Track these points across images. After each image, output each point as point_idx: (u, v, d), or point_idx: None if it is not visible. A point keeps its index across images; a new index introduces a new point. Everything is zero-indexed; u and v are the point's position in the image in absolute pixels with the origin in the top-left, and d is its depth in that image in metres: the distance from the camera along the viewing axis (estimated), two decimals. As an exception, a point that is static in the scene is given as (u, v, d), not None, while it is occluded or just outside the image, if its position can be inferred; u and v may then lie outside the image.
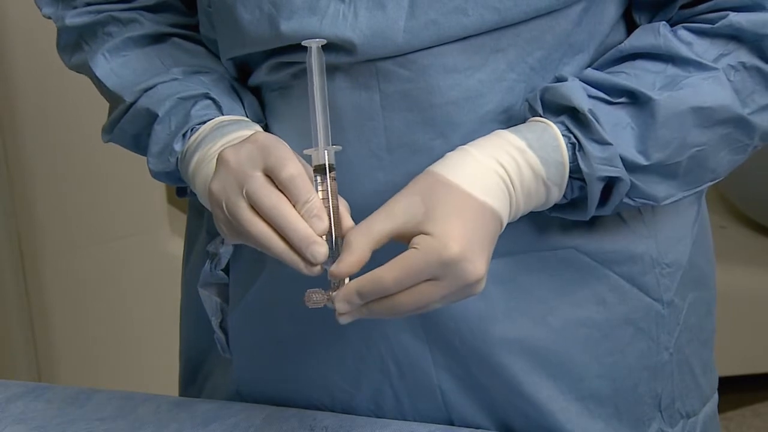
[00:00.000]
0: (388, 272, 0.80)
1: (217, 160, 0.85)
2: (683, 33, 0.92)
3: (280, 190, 0.82)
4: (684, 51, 0.90)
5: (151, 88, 0.99)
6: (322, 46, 0.88)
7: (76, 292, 2.10)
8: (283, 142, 0.84)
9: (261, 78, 0.97)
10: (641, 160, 0.89)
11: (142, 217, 2.07)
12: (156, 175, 1.00)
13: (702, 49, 0.91)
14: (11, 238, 2.11)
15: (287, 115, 0.96)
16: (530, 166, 0.87)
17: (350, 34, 0.88)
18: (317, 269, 0.81)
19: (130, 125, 1.02)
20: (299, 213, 0.81)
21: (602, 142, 0.88)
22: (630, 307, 0.99)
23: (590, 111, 0.88)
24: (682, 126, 0.89)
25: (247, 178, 0.82)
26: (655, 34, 0.91)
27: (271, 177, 0.83)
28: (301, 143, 0.87)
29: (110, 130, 1.05)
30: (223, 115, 0.97)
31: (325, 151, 0.85)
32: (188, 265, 1.14)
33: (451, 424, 1.00)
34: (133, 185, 2.04)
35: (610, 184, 0.90)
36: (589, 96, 0.89)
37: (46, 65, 1.85)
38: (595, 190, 0.89)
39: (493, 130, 0.91)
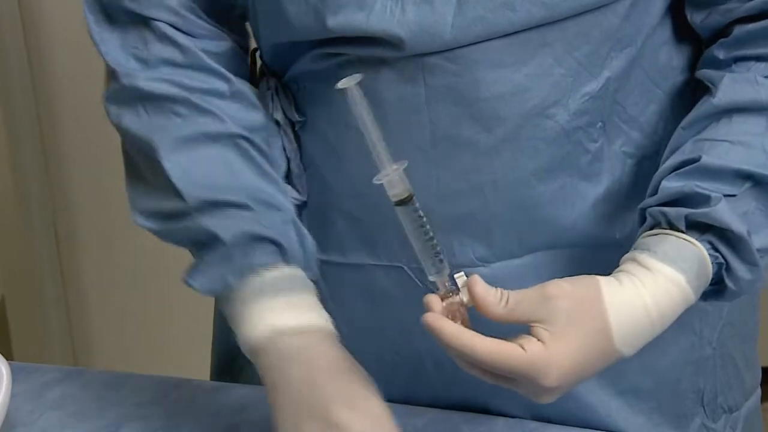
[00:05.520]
0: (484, 347, 0.80)
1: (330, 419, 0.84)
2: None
3: None
4: None
5: (217, 204, 0.91)
6: (370, 38, 0.87)
7: (112, 279, 2.11)
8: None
9: (305, 67, 0.96)
10: None
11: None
12: (198, 290, 0.93)
13: None
14: (48, 226, 2.12)
15: (331, 104, 0.95)
16: (686, 302, 0.85)
17: (398, 30, 0.87)
18: None
19: (183, 233, 0.93)
20: None
21: (752, 264, 0.85)
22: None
23: (748, 232, 0.84)
24: None
25: None
26: (753, 84, 0.88)
27: None
28: (344, 132, 0.87)
29: (147, 216, 0.95)
30: (286, 260, 0.91)
31: (397, 177, 0.84)
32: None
33: (488, 413, 1.00)
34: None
35: None
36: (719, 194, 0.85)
37: (83, 54, 1.85)
38: (736, 298, 0.88)
39: (538, 125, 0.90)
